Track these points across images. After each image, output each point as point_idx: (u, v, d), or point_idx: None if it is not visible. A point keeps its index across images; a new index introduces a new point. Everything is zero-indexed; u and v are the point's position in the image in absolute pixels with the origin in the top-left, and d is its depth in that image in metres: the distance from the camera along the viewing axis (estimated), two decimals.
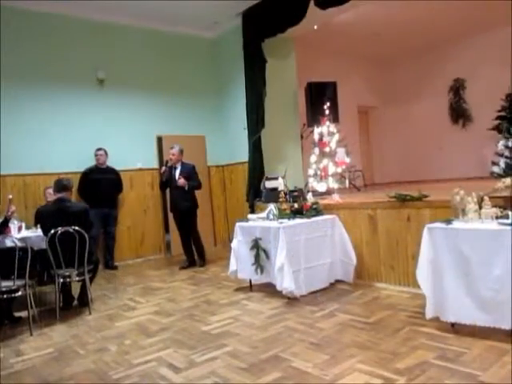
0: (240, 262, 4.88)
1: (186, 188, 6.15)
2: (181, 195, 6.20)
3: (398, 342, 3.08)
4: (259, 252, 4.59)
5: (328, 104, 7.09)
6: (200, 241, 6.48)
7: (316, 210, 4.92)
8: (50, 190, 5.37)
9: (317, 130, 6.98)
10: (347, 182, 6.85)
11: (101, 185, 6.60)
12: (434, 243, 3.23)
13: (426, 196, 4.28)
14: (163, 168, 6.36)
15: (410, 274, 4.32)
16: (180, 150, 6.30)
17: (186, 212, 6.29)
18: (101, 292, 5.31)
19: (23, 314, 4.22)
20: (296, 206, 4.93)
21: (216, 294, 4.84)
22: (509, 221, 2.99)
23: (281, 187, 5.75)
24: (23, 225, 5.20)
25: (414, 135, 11.21)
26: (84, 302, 4.62)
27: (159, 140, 7.68)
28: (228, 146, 8.27)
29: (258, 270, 4.61)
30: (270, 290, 4.64)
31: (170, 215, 6.70)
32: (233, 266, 4.93)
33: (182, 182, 6.13)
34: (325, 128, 6.82)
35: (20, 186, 6.36)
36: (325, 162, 6.62)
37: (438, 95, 10.64)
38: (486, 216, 3.17)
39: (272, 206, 4.93)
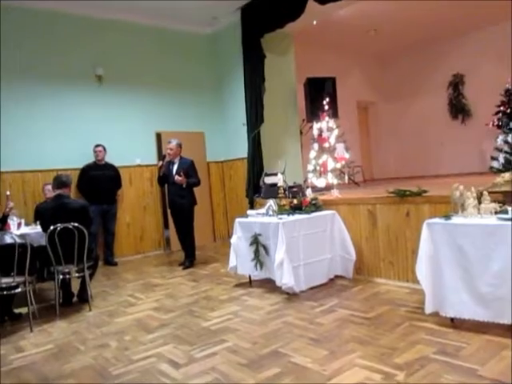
0: (239, 257, 4.89)
1: (184, 186, 6.01)
2: (178, 192, 6.07)
3: (397, 337, 3.09)
4: (259, 248, 4.59)
5: (327, 99, 7.08)
6: (192, 240, 6.25)
7: (315, 206, 4.92)
8: (49, 187, 5.37)
9: (316, 126, 6.97)
10: (346, 177, 6.84)
11: (100, 181, 6.59)
12: (433, 238, 3.23)
13: (425, 191, 4.28)
14: (160, 162, 6.28)
15: (409, 269, 4.32)
16: (178, 145, 6.14)
17: (183, 209, 6.11)
18: (101, 288, 5.31)
19: (23, 310, 4.23)
20: (295, 201, 4.93)
21: (216, 290, 4.85)
22: (508, 216, 2.99)
23: (280, 183, 5.74)
24: (23, 221, 5.19)
25: (413, 131, 11.20)
26: (84, 298, 4.63)
27: (158, 136, 7.66)
28: (227, 141, 8.26)
29: (258, 266, 4.61)
30: (269, 285, 4.65)
31: (169, 211, 6.67)
32: (232, 261, 4.93)
33: (179, 179, 5.94)
34: (324, 123, 6.81)
35: (19, 182, 6.35)
36: (324, 157, 6.62)
37: (438, 90, 10.63)
38: (486, 211, 3.16)
39: (271, 202, 4.93)
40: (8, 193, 4.61)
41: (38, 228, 4.66)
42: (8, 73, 6.27)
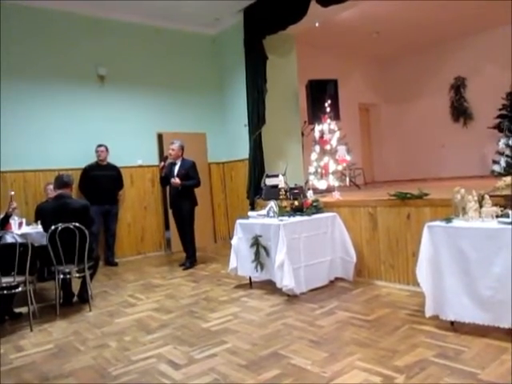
0: (240, 259, 4.89)
1: (180, 188, 6.04)
2: (179, 193, 6.09)
3: (397, 340, 3.09)
4: (259, 249, 4.59)
5: (329, 101, 7.08)
6: (192, 241, 6.28)
7: (316, 208, 4.92)
8: (51, 187, 5.38)
9: (318, 128, 6.97)
10: (348, 179, 6.84)
11: (101, 181, 6.59)
12: (434, 241, 3.23)
13: (426, 194, 4.28)
14: (162, 163, 6.33)
15: (409, 272, 4.32)
16: (180, 146, 6.19)
17: (183, 210, 6.15)
18: (101, 288, 5.32)
19: (23, 309, 4.24)
20: (296, 203, 4.93)
21: (216, 291, 4.85)
22: (509, 220, 2.98)
23: (281, 184, 5.74)
24: (24, 221, 5.20)
25: (414, 133, 11.19)
26: (84, 298, 4.63)
27: (160, 137, 7.68)
28: (228, 143, 8.27)
29: (258, 268, 4.62)
30: (269, 287, 4.65)
31: (170, 212, 6.68)
32: (233, 263, 4.94)
33: (175, 182, 6.00)
34: (326, 125, 6.81)
35: (20, 182, 6.36)
36: (325, 159, 6.61)
37: (439, 93, 10.62)
38: (487, 215, 3.16)
39: (272, 204, 4.93)
40: (12, 193, 4.61)
41: (39, 228, 4.67)
42: (9, 72, 6.28)
